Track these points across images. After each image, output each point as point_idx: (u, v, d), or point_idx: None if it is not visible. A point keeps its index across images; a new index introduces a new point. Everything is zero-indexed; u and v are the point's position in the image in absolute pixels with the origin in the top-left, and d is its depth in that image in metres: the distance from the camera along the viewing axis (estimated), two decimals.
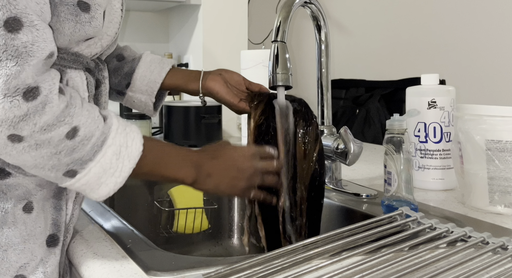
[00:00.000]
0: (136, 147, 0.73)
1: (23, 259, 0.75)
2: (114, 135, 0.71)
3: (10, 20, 0.62)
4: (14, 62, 0.62)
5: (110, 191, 0.73)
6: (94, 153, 0.69)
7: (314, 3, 1.11)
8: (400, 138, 0.92)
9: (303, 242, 0.71)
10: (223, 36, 2.13)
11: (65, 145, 0.67)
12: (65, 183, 0.71)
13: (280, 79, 0.96)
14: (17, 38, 0.62)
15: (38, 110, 0.64)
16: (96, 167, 0.70)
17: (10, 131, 0.63)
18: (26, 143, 0.65)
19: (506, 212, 0.93)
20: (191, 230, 1.27)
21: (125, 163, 0.72)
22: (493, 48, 1.75)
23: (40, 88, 0.64)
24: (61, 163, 0.68)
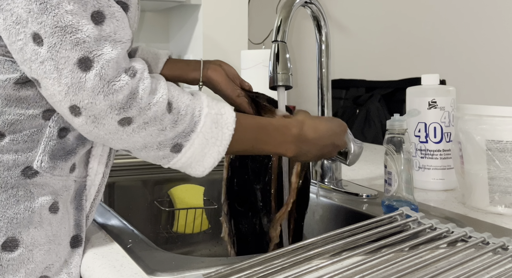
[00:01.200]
0: (230, 114, 0.76)
1: (48, 260, 0.75)
2: (207, 104, 0.75)
3: (94, 13, 0.67)
4: (110, 48, 0.67)
5: (215, 161, 0.76)
6: (194, 123, 0.73)
7: (315, 3, 1.11)
8: (401, 138, 0.92)
9: (303, 242, 0.71)
10: (223, 36, 2.13)
11: (168, 119, 0.70)
12: (172, 160, 0.74)
13: (280, 79, 0.96)
14: (102, 30, 0.67)
15: (140, 86, 0.68)
16: (199, 138, 0.73)
17: (121, 115, 0.67)
18: (135, 124, 0.68)
19: (506, 212, 0.93)
20: (191, 230, 1.27)
21: (224, 130, 0.75)
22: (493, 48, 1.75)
23: (135, 67, 0.69)
24: (167, 138, 0.71)
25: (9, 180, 0.72)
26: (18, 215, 0.72)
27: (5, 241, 0.71)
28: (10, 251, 0.72)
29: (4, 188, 0.72)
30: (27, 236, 0.73)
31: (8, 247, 0.71)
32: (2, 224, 0.71)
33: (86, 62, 0.65)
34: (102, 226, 0.89)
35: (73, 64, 0.65)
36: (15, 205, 0.72)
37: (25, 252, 0.73)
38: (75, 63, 0.65)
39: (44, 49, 0.65)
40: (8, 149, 0.72)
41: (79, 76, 0.65)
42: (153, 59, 1.02)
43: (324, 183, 1.15)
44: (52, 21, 0.65)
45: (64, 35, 0.65)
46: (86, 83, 0.65)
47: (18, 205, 0.72)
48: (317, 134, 0.83)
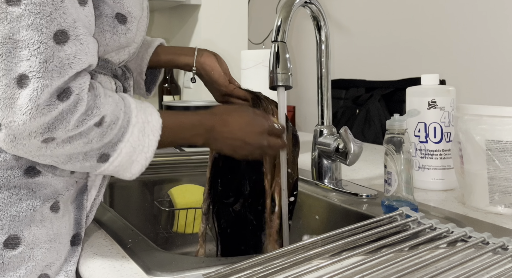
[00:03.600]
0: (156, 121, 0.76)
1: (48, 258, 0.75)
2: (136, 113, 0.74)
3: (58, 32, 0.65)
4: (57, 73, 0.65)
5: (142, 167, 0.76)
6: (122, 134, 0.72)
7: (314, 3, 1.11)
8: (400, 138, 0.92)
9: (303, 242, 0.71)
10: (223, 36, 2.13)
11: (95, 132, 0.70)
12: (99, 169, 0.73)
13: (280, 79, 0.96)
14: (62, 50, 0.66)
15: (70, 109, 0.67)
16: (126, 147, 0.73)
17: (45, 136, 0.66)
18: (59, 139, 0.67)
19: (506, 212, 0.93)
20: (191, 230, 1.27)
21: (150, 137, 0.75)
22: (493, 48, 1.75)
23: (71, 88, 0.67)
24: (93, 150, 0.71)
25: (12, 179, 0.73)
26: (20, 213, 0.73)
27: (7, 238, 0.72)
28: (11, 249, 0.72)
29: (7, 186, 0.72)
30: (29, 234, 0.73)
31: (9, 244, 0.72)
32: (5, 222, 0.72)
33: (24, 80, 0.64)
34: (102, 226, 0.89)
35: (12, 78, 0.63)
36: (17, 203, 0.73)
37: (26, 250, 0.73)
38: (15, 77, 0.63)
39: None
40: None
41: (14, 92, 0.64)
42: (144, 45, 1.01)
43: (324, 183, 1.15)
44: (7, 31, 0.63)
45: (15, 48, 0.63)
46: (18, 100, 0.64)
47: (21, 204, 0.73)
48: (226, 127, 0.84)
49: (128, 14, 0.77)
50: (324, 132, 1.15)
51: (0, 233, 0.72)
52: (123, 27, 0.77)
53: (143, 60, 0.99)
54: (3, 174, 0.72)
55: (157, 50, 1.00)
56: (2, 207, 0.72)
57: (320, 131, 1.16)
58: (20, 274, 0.72)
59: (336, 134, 1.14)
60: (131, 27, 0.79)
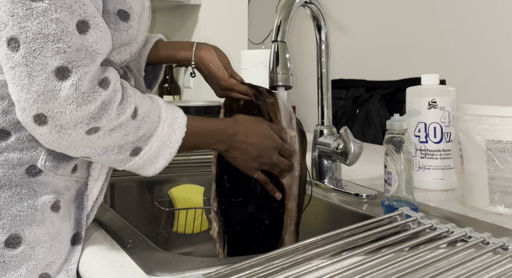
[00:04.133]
0: (182, 117, 0.79)
1: (49, 257, 0.75)
2: (165, 109, 0.77)
3: (79, 22, 0.68)
4: (90, 59, 0.68)
5: (167, 162, 0.78)
6: (154, 128, 0.75)
7: (314, 3, 1.11)
8: (400, 138, 0.92)
9: (303, 242, 0.71)
10: (223, 36, 2.13)
11: (132, 125, 0.72)
12: (129, 163, 0.75)
13: (280, 79, 0.96)
14: (85, 39, 0.68)
15: (112, 97, 0.69)
16: (157, 142, 0.75)
17: (91, 125, 0.68)
18: (101, 131, 0.69)
19: (506, 212, 0.93)
20: (191, 230, 1.27)
21: (177, 133, 0.78)
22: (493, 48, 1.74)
23: (109, 78, 0.70)
24: (128, 143, 0.73)
25: (13, 178, 0.73)
26: (22, 212, 0.73)
27: (8, 238, 0.72)
28: (12, 248, 0.72)
29: (9, 185, 0.73)
30: (30, 234, 0.73)
31: (11, 244, 0.72)
32: (6, 221, 0.72)
33: (64, 72, 0.65)
34: (102, 226, 0.89)
35: (50, 71, 0.65)
36: (18, 202, 0.73)
37: (27, 249, 0.73)
38: (53, 71, 0.65)
39: (19, 55, 0.65)
40: (13, 147, 0.73)
41: (54, 84, 0.65)
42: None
43: (324, 183, 1.15)
44: (36, 27, 0.65)
45: (46, 43, 0.65)
46: (60, 92, 0.65)
47: (22, 203, 0.73)
48: (247, 138, 0.87)
49: (130, 10, 0.78)
50: (324, 132, 1.15)
51: (1, 233, 0.72)
52: (125, 24, 0.78)
53: (141, 57, 0.99)
54: (5, 173, 0.73)
55: (156, 46, 1.00)
56: (3, 206, 0.72)
57: (320, 131, 1.16)
58: (21, 273, 0.73)
59: (336, 134, 1.14)
60: (133, 23, 0.79)
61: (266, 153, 0.88)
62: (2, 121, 0.73)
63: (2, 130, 0.73)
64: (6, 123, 0.73)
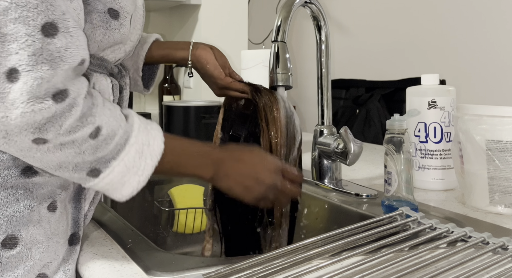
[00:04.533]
0: (157, 145, 0.73)
1: (46, 257, 0.75)
2: (136, 133, 0.72)
3: (47, 25, 0.64)
4: (48, 66, 0.63)
5: (134, 190, 0.73)
6: (117, 151, 0.70)
7: (315, 3, 1.11)
8: (400, 138, 0.92)
9: (303, 242, 0.71)
10: (223, 36, 2.13)
11: (88, 144, 0.68)
12: (89, 183, 0.71)
13: (280, 79, 0.96)
14: (52, 43, 0.64)
15: (65, 112, 0.65)
16: (120, 166, 0.70)
17: (36, 135, 0.64)
18: (51, 144, 0.66)
19: (506, 212, 0.93)
20: (191, 230, 1.27)
21: (147, 161, 0.72)
22: (493, 48, 1.75)
23: (69, 91, 0.65)
24: (85, 162, 0.69)
25: (9, 179, 0.73)
26: (18, 213, 0.73)
27: (5, 238, 0.72)
28: (9, 249, 0.72)
29: (4, 186, 0.72)
30: (26, 234, 0.73)
31: (7, 244, 0.72)
32: (2, 222, 0.72)
33: (15, 74, 0.62)
34: (102, 226, 0.89)
35: (2, 72, 0.62)
36: (14, 203, 0.73)
37: (24, 250, 0.73)
38: (5, 72, 0.62)
39: None
40: None
41: (5, 86, 0.62)
42: (140, 41, 1.00)
43: (324, 183, 1.15)
44: None
45: (3, 42, 0.62)
46: (8, 94, 0.62)
47: (18, 204, 0.73)
48: (239, 163, 0.80)
49: (121, 9, 0.77)
50: (324, 132, 1.15)
51: None
52: (116, 23, 0.77)
53: (139, 57, 0.99)
54: (0, 174, 0.72)
55: (153, 46, 1.00)
56: (0, 207, 0.72)
57: (320, 131, 1.16)
58: (18, 274, 0.72)
59: (336, 134, 1.14)
60: (124, 22, 0.78)
61: (266, 177, 0.81)
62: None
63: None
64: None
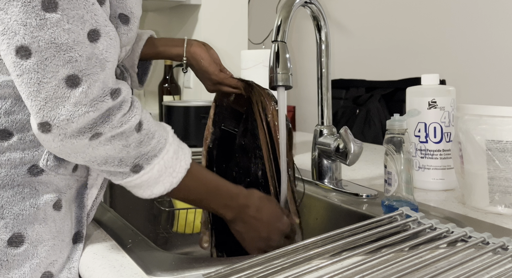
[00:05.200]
0: (188, 150, 0.78)
1: (52, 255, 0.76)
2: (172, 134, 0.77)
3: (91, 32, 0.68)
4: (99, 68, 0.68)
5: (165, 190, 0.77)
6: (159, 149, 0.74)
7: (315, 3, 1.11)
8: (400, 138, 0.92)
9: (303, 242, 0.71)
10: (223, 36, 2.13)
11: (134, 137, 0.71)
12: (128, 178, 0.74)
13: (280, 79, 0.96)
14: (96, 47, 0.68)
15: (117, 107, 0.70)
16: (160, 164, 0.74)
17: (93, 131, 0.68)
18: (103, 137, 0.69)
19: (506, 212, 0.93)
20: (191, 230, 1.27)
21: (181, 163, 0.76)
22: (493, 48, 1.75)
23: (121, 89, 0.71)
24: (130, 157, 0.72)
25: (15, 177, 0.73)
26: (24, 211, 0.74)
27: (11, 237, 0.73)
28: (15, 247, 0.73)
29: (11, 185, 0.73)
30: (32, 232, 0.74)
31: (14, 242, 0.73)
32: (8, 220, 0.72)
33: (75, 79, 0.66)
34: (102, 226, 0.89)
35: (60, 79, 0.65)
36: (21, 202, 0.74)
37: (30, 248, 0.74)
38: (63, 78, 0.66)
39: (30, 62, 0.65)
40: (15, 147, 0.74)
41: (64, 92, 0.66)
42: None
43: (324, 183, 1.15)
44: (49, 37, 0.65)
45: (58, 52, 0.65)
46: (69, 99, 0.66)
47: (24, 202, 0.74)
48: (259, 214, 0.84)
49: (131, 14, 0.79)
50: (324, 132, 1.15)
51: (4, 231, 0.72)
52: (125, 28, 0.79)
53: (134, 54, 1.01)
54: (7, 173, 0.73)
55: (148, 43, 1.02)
56: (6, 205, 0.73)
57: (320, 131, 1.16)
58: (25, 272, 0.73)
59: (336, 134, 1.14)
60: (133, 27, 0.80)
61: (275, 237, 0.86)
62: (5, 121, 0.73)
63: (4, 130, 0.73)
64: (8, 123, 0.73)
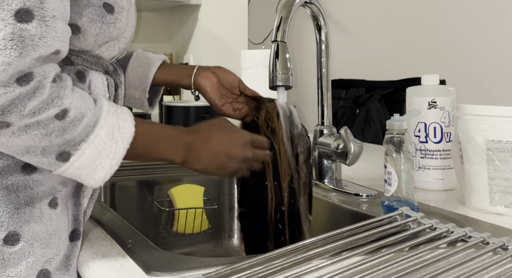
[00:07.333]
0: (128, 128, 0.73)
1: (48, 253, 0.76)
2: (106, 115, 0.71)
3: (22, 11, 0.63)
4: (18, 52, 0.62)
5: (107, 174, 0.72)
6: (87, 133, 0.69)
7: (315, 3, 1.11)
8: (400, 138, 0.92)
9: (303, 242, 0.71)
10: (223, 36, 2.13)
11: (55, 125, 0.67)
12: (59, 168, 0.70)
13: (280, 79, 0.96)
14: (25, 30, 0.63)
15: (28, 94, 0.64)
16: (90, 148, 0.70)
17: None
18: (14, 127, 0.65)
19: (506, 212, 0.93)
20: (191, 230, 1.27)
21: (118, 144, 0.72)
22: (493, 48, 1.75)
23: (34, 74, 0.64)
24: (53, 145, 0.68)
25: (9, 176, 0.73)
26: (19, 210, 0.73)
27: (7, 235, 0.72)
28: (11, 245, 0.73)
29: (5, 184, 0.73)
30: (28, 231, 0.74)
31: (9, 241, 0.73)
32: (4, 219, 0.72)
33: None
34: (102, 226, 0.89)
35: None
36: (15, 200, 0.73)
37: (26, 246, 0.74)
38: None
39: None
40: None
41: None
42: (147, 64, 1.02)
43: (324, 183, 1.15)
44: None
45: None
46: None
47: (19, 201, 0.74)
48: (208, 143, 0.82)
49: (115, 4, 0.78)
50: (324, 132, 1.15)
51: (0, 230, 0.72)
52: (111, 17, 0.78)
53: (147, 79, 1.01)
54: (1, 172, 0.73)
55: (159, 71, 1.02)
56: (1, 204, 0.73)
57: (320, 131, 1.16)
58: (21, 270, 0.73)
59: (336, 134, 1.14)
60: (120, 17, 0.79)
61: (237, 151, 0.84)
62: None
63: None
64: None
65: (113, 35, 0.80)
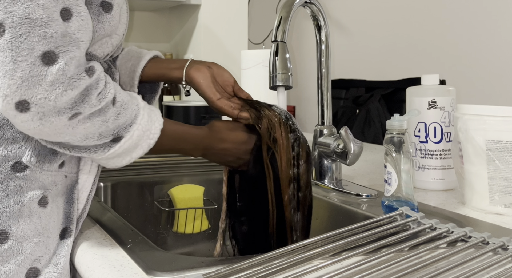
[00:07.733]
0: (157, 111, 0.80)
1: (37, 252, 0.76)
2: (141, 99, 0.79)
3: (63, 10, 0.68)
4: (74, 46, 0.68)
5: (142, 153, 0.79)
6: (135, 116, 0.75)
7: (315, 3, 1.11)
8: (400, 138, 0.92)
9: (303, 242, 0.71)
10: (223, 36, 2.13)
11: (111, 111, 0.72)
12: (109, 151, 0.74)
13: (280, 79, 0.96)
14: (68, 26, 0.68)
15: (93, 85, 0.70)
16: (138, 130, 0.75)
17: (73, 111, 0.68)
18: (82, 116, 0.69)
19: (506, 212, 0.93)
20: (191, 230, 1.27)
21: (155, 124, 0.78)
22: (493, 48, 1.75)
23: (94, 67, 0.71)
24: (108, 130, 0.73)
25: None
26: (8, 208, 0.73)
27: None
28: (0, 243, 0.72)
29: None
30: (17, 229, 0.74)
31: None
32: None
33: (51, 56, 0.65)
34: (102, 226, 0.89)
35: (36, 56, 0.64)
36: (4, 199, 0.74)
37: (15, 244, 0.74)
38: (39, 56, 0.64)
39: (4, 40, 0.63)
40: None
41: (40, 69, 0.64)
42: (137, 58, 0.99)
43: (324, 183, 1.15)
44: (23, 12, 0.64)
45: (33, 27, 0.64)
46: (46, 77, 0.64)
47: (8, 199, 0.74)
48: (223, 143, 0.89)
49: (113, 1, 0.79)
50: (324, 132, 1.15)
51: None
52: (108, 16, 0.78)
53: (135, 73, 0.97)
54: None
55: (150, 64, 0.98)
56: None
57: (320, 131, 1.16)
58: (10, 268, 0.73)
59: (336, 134, 1.14)
60: (115, 14, 0.80)
61: (244, 156, 0.91)
62: None
63: None
64: None
65: (107, 32, 0.80)
